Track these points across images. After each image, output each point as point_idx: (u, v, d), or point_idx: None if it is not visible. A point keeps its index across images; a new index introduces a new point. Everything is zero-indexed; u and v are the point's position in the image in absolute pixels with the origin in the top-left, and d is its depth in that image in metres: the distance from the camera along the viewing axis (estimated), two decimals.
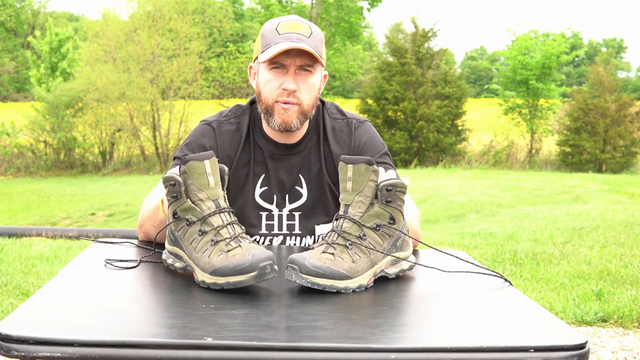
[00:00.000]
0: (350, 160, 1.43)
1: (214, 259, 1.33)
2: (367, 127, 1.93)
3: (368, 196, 1.42)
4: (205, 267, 1.34)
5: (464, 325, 1.19)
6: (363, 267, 1.38)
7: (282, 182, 1.87)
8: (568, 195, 10.00)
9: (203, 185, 1.39)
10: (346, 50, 24.82)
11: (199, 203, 1.39)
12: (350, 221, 1.41)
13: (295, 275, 1.33)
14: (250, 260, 1.30)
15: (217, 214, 1.38)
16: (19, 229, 7.38)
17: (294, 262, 1.34)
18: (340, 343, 1.06)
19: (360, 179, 1.42)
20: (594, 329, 3.49)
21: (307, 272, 1.32)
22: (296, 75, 1.76)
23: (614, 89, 19.22)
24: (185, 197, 1.40)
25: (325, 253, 1.37)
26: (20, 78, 38.82)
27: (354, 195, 1.42)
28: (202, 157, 1.40)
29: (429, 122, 18.71)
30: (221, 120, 1.90)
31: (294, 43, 1.71)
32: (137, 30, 20.63)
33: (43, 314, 1.15)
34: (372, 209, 1.42)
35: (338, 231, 1.41)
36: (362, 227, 1.41)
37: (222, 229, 1.36)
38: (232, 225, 1.38)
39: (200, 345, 1.03)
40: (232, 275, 1.30)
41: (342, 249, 1.38)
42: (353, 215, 1.41)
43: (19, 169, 20.87)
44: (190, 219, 1.39)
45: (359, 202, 1.42)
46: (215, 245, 1.35)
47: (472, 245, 5.57)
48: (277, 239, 1.86)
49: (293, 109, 1.78)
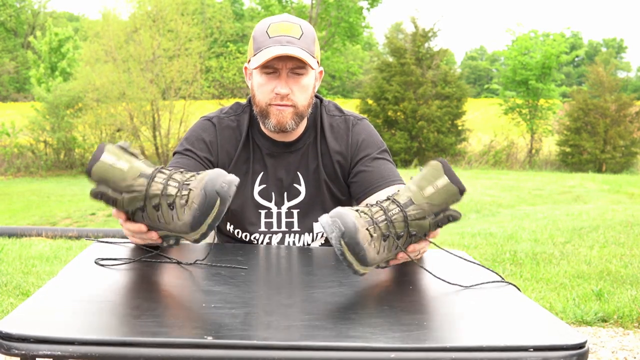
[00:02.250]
0: (449, 173, 1.39)
1: (183, 217, 1.33)
2: (365, 125, 1.93)
3: (433, 211, 1.39)
4: (184, 229, 1.34)
5: (464, 325, 1.19)
6: (377, 261, 1.37)
7: (280, 180, 1.87)
8: (568, 195, 10.00)
9: (118, 175, 1.37)
10: (346, 50, 24.81)
11: (132, 188, 1.37)
12: (403, 217, 1.37)
13: (335, 235, 1.29)
14: (206, 193, 1.29)
15: (152, 181, 1.36)
16: (19, 229, 7.38)
17: (343, 222, 1.30)
18: (340, 342, 1.06)
19: (443, 196, 1.39)
20: (594, 329, 3.50)
21: (347, 242, 1.30)
22: (288, 78, 1.76)
23: (614, 89, 19.23)
24: (119, 195, 1.37)
25: (367, 231, 1.33)
26: (20, 78, 38.82)
27: (424, 202, 1.38)
28: (97, 157, 1.37)
29: (429, 122, 18.71)
30: (222, 117, 1.90)
31: (284, 47, 1.71)
32: (137, 31, 20.63)
33: (43, 312, 1.15)
34: (424, 221, 1.39)
35: (388, 217, 1.36)
36: (406, 228, 1.38)
37: (167, 189, 1.35)
38: (171, 179, 1.36)
39: (201, 344, 1.04)
40: (205, 218, 1.30)
41: (379, 235, 1.35)
42: (410, 215, 1.37)
43: (19, 169, 20.87)
44: (140, 205, 1.38)
45: (423, 209, 1.38)
46: (174, 206, 1.34)
47: (472, 245, 5.57)
48: (276, 237, 1.87)
49: (288, 110, 1.78)
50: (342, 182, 1.89)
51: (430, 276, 1.50)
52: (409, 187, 1.41)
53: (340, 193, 1.89)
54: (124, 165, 1.37)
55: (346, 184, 1.89)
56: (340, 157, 1.88)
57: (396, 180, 1.85)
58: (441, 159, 1.42)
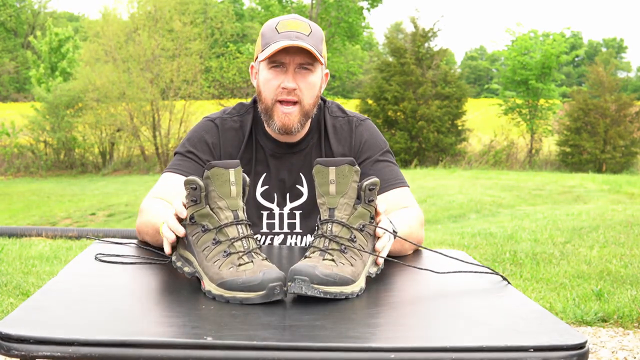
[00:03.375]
0: (330, 163, 1.41)
1: (223, 271, 1.30)
2: (368, 125, 1.93)
3: (352, 197, 1.40)
4: (213, 278, 1.31)
5: (464, 325, 1.19)
6: (360, 270, 1.37)
7: (282, 181, 1.87)
8: (568, 195, 10.00)
9: (225, 193, 1.36)
10: (346, 50, 24.80)
11: (218, 211, 1.36)
12: (339, 225, 1.38)
13: (306, 287, 1.28)
14: (261, 278, 1.26)
15: (234, 225, 1.35)
16: (19, 229, 7.38)
17: (302, 273, 1.28)
18: (340, 342, 1.06)
19: (344, 181, 1.40)
20: (594, 329, 3.50)
21: (318, 282, 1.28)
22: (296, 73, 1.75)
23: (614, 89, 19.23)
24: (204, 202, 1.36)
25: (326, 260, 1.33)
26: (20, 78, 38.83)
27: (338, 198, 1.39)
28: (228, 165, 1.37)
29: (429, 122, 18.71)
30: (224, 118, 1.89)
31: (292, 41, 1.71)
32: (137, 30, 20.63)
33: (43, 313, 1.15)
34: (357, 210, 1.40)
35: (329, 236, 1.37)
36: (350, 229, 1.38)
37: (237, 242, 1.33)
38: (247, 239, 1.34)
39: (201, 345, 1.03)
40: (240, 290, 1.27)
41: (338, 254, 1.35)
42: (341, 218, 1.38)
43: (19, 169, 20.88)
44: (207, 226, 1.36)
45: (345, 204, 1.39)
46: (227, 257, 1.32)
47: (472, 245, 5.57)
48: (278, 238, 1.86)
49: (294, 112, 1.77)
50: None
51: (430, 276, 1.50)
52: (319, 203, 1.42)
53: None
54: (234, 192, 1.37)
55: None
56: None
57: (397, 183, 1.85)
58: (317, 160, 1.42)
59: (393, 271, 1.55)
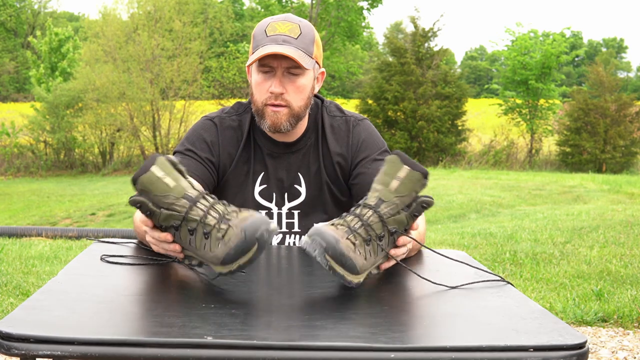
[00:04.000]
0: (407, 162, 1.40)
1: (216, 250, 1.32)
2: (366, 125, 1.93)
3: (404, 203, 1.40)
4: (214, 261, 1.33)
5: (464, 325, 1.19)
6: (368, 267, 1.37)
7: (281, 181, 1.87)
8: (568, 195, 10.00)
9: (163, 190, 1.36)
10: (346, 50, 24.81)
11: (172, 207, 1.36)
12: (378, 217, 1.37)
13: (319, 252, 1.28)
14: (245, 236, 1.28)
15: (194, 205, 1.35)
16: (19, 229, 7.39)
17: (323, 238, 1.29)
18: (340, 342, 1.06)
19: (409, 184, 1.39)
20: (594, 329, 3.50)
21: (332, 255, 1.29)
22: (284, 77, 1.75)
23: (614, 89, 19.24)
24: (157, 209, 1.37)
25: (348, 240, 1.33)
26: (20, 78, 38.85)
27: (394, 196, 1.39)
28: (147, 167, 1.37)
29: (429, 122, 18.71)
30: (223, 117, 1.90)
31: (279, 46, 1.70)
32: (137, 30, 20.63)
33: (43, 312, 1.15)
34: (399, 215, 1.40)
35: (364, 221, 1.36)
36: (385, 227, 1.38)
37: (206, 218, 1.34)
38: (212, 208, 1.35)
39: (201, 344, 1.04)
40: (238, 258, 1.30)
41: (361, 241, 1.35)
42: (384, 213, 1.38)
43: (19, 169, 20.88)
44: (175, 224, 1.37)
45: (395, 204, 1.39)
46: (210, 237, 1.33)
47: (472, 245, 5.57)
48: (276, 238, 1.86)
49: (283, 111, 1.77)
50: (343, 184, 1.88)
51: (430, 277, 1.50)
52: (375, 188, 1.41)
53: (341, 194, 1.89)
54: (171, 182, 1.37)
55: (347, 185, 1.89)
56: (341, 158, 1.88)
57: None
58: (396, 151, 1.43)
59: (393, 271, 1.55)
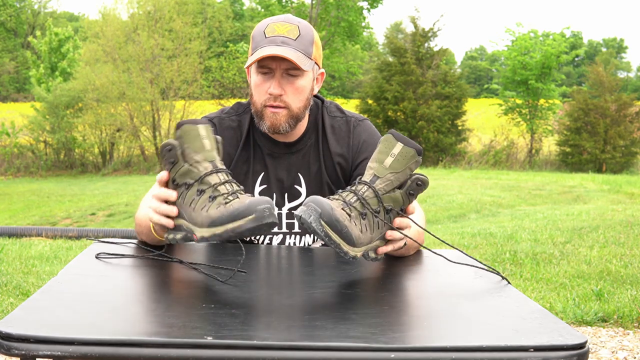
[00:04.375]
0: (402, 139, 1.43)
1: (211, 212, 1.31)
2: (367, 125, 1.93)
3: (399, 180, 1.42)
4: (203, 222, 1.31)
5: (464, 325, 1.18)
6: (364, 241, 1.38)
7: (281, 181, 1.87)
8: (568, 195, 10.00)
9: (198, 147, 1.39)
10: (346, 50, 24.80)
11: (196, 165, 1.38)
12: (373, 192, 1.39)
13: (315, 218, 1.28)
14: (247, 204, 1.27)
15: (215, 173, 1.37)
16: (19, 229, 7.39)
17: (318, 204, 1.29)
18: (340, 342, 1.06)
19: (403, 161, 1.42)
20: (594, 329, 3.50)
21: (327, 221, 1.28)
22: (283, 79, 1.75)
23: (614, 89, 19.24)
24: (182, 161, 1.39)
25: (343, 211, 1.34)
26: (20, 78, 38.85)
27: (388, 172, 1.41)
28: (197, 122, 1.41)
29: (429, 122, 18.71)
30: (222, 117, 1.90)
31: (277, 47, 1.70)
32: (137, 30, 20.63)
33: (43, 312, 1.15)
34: (394, 193, 1.41)
35: (359, 196, 1.38)
36: (380, 203, 1.40)
37: (220, 186, 1.35)
38: (230, 183, 1.36)
39: (201, 344, 1.04)
40: (230, 221, 1.27)
41: (357, 214, 1.36)
42: (379, 189, 1.40)
43: (19, 169, 20.88)
44: (188, 182, 1.38)
45: (389, 180, 1.41)
46: (214, 201, 1.33)
47: (472, 245, 5.58)
48: (276, 238, 1.86)
49: (282, 112, 1.77)
50: (344, 184, 1.88)
51: (430, 276, 1.50)
52: (370, 166, 1.43)
53: None
54: (207, 145, 1.40)
55: (348, 185, 1.88)
56: (341, 158, 1.88)
57: None
58: (391, 130, 1.45)
59: (393, 271, 1.55)
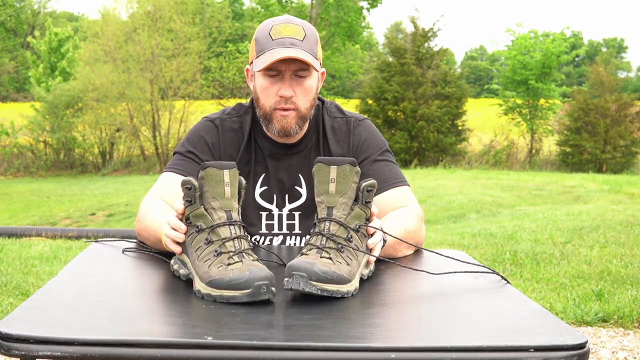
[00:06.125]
0: (332, 162, 1.42)
1: (212, 269, 1.31)
2: (367, 125, 1.92)
3: (351, 198, 1.42)
4: (203, 277, 1.32)
5: (464, 325, 1.18)
6: (355, 270, 1.37)
7: (281, 182, 1.87)
8: (568, 195, 10.00)
9: (218, 194, 1.38)
10: (346, 50, 24.80)
11: (211, 211, 1.37)
12: (337, 224, 1.39)
13: (304, 283, 1.28)
14: (247, 276, 1.26)
15: (227, 225, 1.36)
16: (19, 229, 7.38)
17: (301, 270, 1.28)
18: (340, 342, 1.06)
19: (344, 181, 1.41)
20: (594, 329, 3.50)
21: (317, 279, 1.28)
22: (292, 80, 1.75)
23: (614, 89, 19.22)
24: (199, 203, 1.38)
25: (323, 258, 1.34)
26: (20, 78, 38.83)
27: (337, 197, 1.41)
28: (223, 166, 1.39)
29: (429, 122, 18.71)
30: (224, 118, 1.89)
31: (287, 49, 1.70)
32: (136, 30, 20.63)
33: (43, 313, 1.15)
34: (354, 211, 1.41)
35: (327, 234, 1.38)
36: (347, 229, 1.39)
37: (228, 242, 1.34)
38: (239, 240, 1.35)
39: (201, 344, 1.04)
40: (227, 289, 1.27)
41: (335, 252, 1.36)
42: (339, 217, 1.40)
43: (18, 169, 20.87)
44: (200, 226, 1.37)
45: (343, 204, 1.41)
46: (218, 257, 1.33)
47: (472, 245, 5.57)
48: (277, 239, 1.86)
49: (292, 114, 1.77)
50: None
51: (430, 276, 1.50)
52: (319, 201, 1.43)
53: None
54: (228, 193, 1.39)
55: None
56: None
57: (397, 182, 1.85)
58: (318, 158, 1.45)
59: (393, 271, 1.55)
